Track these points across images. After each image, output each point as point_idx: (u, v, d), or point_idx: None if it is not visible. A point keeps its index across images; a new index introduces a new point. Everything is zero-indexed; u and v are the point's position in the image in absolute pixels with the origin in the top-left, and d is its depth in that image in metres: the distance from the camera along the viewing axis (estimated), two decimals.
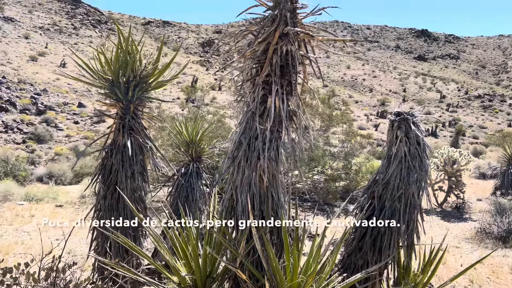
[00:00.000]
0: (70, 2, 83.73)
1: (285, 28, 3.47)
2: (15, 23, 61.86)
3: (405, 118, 4.00)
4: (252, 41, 3.63)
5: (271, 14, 3.57)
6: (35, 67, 49.58)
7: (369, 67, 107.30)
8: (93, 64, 5.58)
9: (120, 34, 5.51)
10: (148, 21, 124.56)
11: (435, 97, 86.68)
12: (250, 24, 3.80)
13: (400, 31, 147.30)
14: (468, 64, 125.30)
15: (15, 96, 36.07)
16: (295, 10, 3.56)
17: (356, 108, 70.86)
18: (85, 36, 69.44)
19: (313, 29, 3.66)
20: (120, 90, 5.39)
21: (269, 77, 3.73)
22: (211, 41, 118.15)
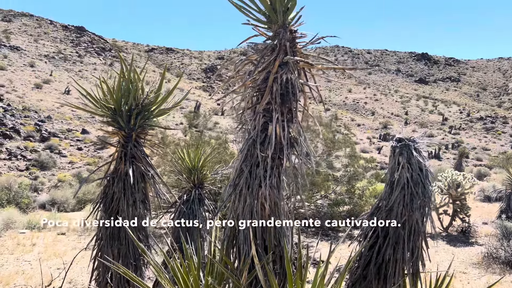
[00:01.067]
0: (75, 31, 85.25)
1: (285, 57, 3.51)
2: (21, 52, 62.87)
3: (407, 144, 3.99)
4: (252, 70, 3.68)
5: (270, 43, 3.63)
6: (39, 94, 50.13)
7: (371, 91, 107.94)
8: (96, 92, 5.65)
9: (123, 63, 5.58)
10: (151, 48, 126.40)
11: (437, 120, 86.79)
12: (251, 50, 3.85)
13: (400, 55, 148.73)
14: (469, 86, 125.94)
15: (19, 123, 36.36)
16: (295, 39, 3.61)
17: (358, 131, 70.93)
18: (89, 64, 70.40)
19: (313, 57, 3.70)
20: (122, 118, 5.43)
21: (270, 105, 3.75)
22: (214, 67, 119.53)
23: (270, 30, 3.68)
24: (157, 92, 5.75)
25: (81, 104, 6.13)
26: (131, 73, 5.61)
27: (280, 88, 3.79)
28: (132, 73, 5.62)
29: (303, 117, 4.02)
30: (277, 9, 3.46)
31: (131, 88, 5.55)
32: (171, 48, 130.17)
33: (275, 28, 3.61)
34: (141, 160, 5.63)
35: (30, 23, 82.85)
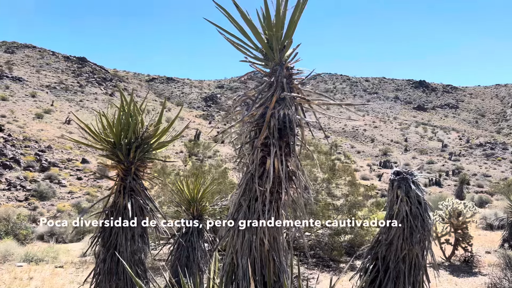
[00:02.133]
0: (76, 61, 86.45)
1: (282, 94, 3.57)
2: (23, 82, 63.58)
3: (405, 178, 4.00)
4: (250, 106, 3.73)
5: (268, 80, 3.69)
6: (40, 124, 50.40)
7: (370, 118, 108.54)
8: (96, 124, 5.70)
9: (122, 97, 5.65)
10: (152, 78, 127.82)
11: (437, 146, 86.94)
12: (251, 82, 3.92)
13: (398, 83, 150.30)
14: (467, 113, 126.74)
15: (19, 153, 36.41)
16: (291, 76, 3.68)
17: (358, 158, 70.95)
18: (90, 94, 71.09)
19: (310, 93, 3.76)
20: (122, 152, 5.46)
21: (268, 139, 3.79)
22: (214, 96, 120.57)
23: (267, 67, 3.76)
24: (156, 125, 5.81)
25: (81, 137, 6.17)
26: (131, 107, 5.69)
27: (278, 123, 3.83)
28: (132, 106, 5.70)
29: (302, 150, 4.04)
30: (273, 47, 3.54)
31: (130, 122, 5.61)
32: (171, 77, 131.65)
33: (272, 65, 3.68)
34: (140, 193, 5.63)
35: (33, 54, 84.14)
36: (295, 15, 3.52)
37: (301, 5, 3.47)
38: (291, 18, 3.51)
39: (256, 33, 3.57)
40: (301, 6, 3.47)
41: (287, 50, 3.66)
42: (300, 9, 3.47)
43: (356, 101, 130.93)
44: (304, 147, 3.91)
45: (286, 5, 3.50)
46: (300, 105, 3.82)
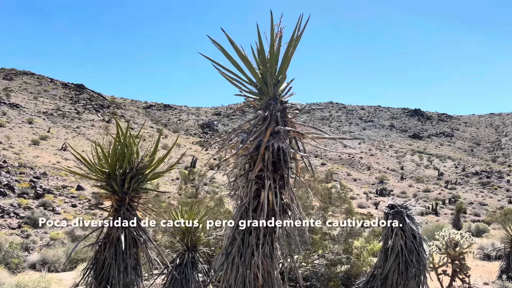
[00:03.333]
0: (74, 88, 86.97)
1: (276, 127, 3.60)
2: (20, 109, 63.73)
3: (399, 211, 4.00)
4: (244, 139, 3.75)
5: (262, 114, 3.73)
6: (36, 150, 50.22)
7: (366, 146, 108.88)
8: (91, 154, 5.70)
9: (118, 128, 5.68)
10: (149, 105, 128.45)
11: (433, 175, 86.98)
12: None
13: (393, 111, 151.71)
14: (462, 141, 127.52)
15: (14, 180, 36.12)
16: (285, 109, 3.73)
17: (355, 186, 70.78)
18: (87, 120, 71.21)
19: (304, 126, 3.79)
20: (116, 182, 5.45)
21: (262, 172, 3.80)
22: (211, 123, 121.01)
23: (261, 101, 3.80)
24: (152, 156, 5.82)
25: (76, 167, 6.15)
26: (126, 137, 5.71)
27: (272, 156, 3.85)
28: (127, 137, 5.72)
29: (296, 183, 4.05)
30: (268, 82, 3.59)
31: (126, 152, 5.62)
32: (169, 104, 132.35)
33: (267, 99, 3.73)
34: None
35: (31, 81, 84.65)
36: (289, 51, 3.59)
37: (295, 41, 3.54)
38: (285, 54, 3.58)
39: (250, 68, 3.63)
40: (295, 43, 3.55)
41: (281, 84, 3.72)
42: (293, 45, 3.54)
43: (352, 128, 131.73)
44: (299, 180, 3.91)
45: (280, 41, 3.58)
46: (295, 138, 3.85)
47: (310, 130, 3.85)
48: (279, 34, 3.50)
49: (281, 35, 3.50)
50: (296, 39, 3.52)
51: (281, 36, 3.51)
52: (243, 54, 3.59)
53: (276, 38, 3.53)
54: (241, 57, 3.62)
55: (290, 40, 3.54)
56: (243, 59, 3.63)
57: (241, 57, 3.62)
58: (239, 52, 3.59)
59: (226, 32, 3.35)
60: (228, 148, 3.88)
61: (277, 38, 3.54)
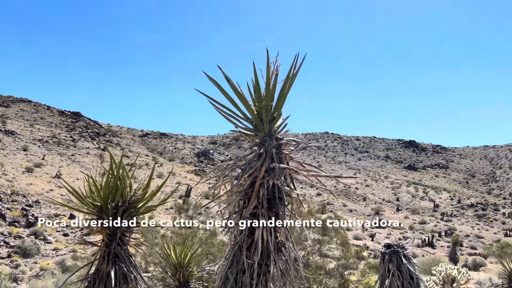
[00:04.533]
0: (71, 116, 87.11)
1: (271, 164, 3.57)
2: (15, 136, 63.58)
3: (396, 251, 3.92)
4: (239, 175, 3.71)
5: (257, 150, 3.70)
6: (30, 178, 49.79)
7: (361, 176, 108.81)
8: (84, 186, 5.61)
9: (112, 160, 5.62)
10: (145, 133, 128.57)
11: (428, 206, 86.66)
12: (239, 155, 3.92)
13: (388, 142, 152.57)
14: (457, 173, 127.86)
15: (6, 208, 35.63)
16: (281, 146, 3.70)
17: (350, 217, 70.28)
18: (82, 148, 71.02)
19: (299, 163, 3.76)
20: (108, 216, 5.34)
21: (257, 209, 3.74)
22: (207, 152, 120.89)
23: (257, 137, 3.79)
24: (145, 189, 5.73)
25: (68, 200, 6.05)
26: (120, 170, 5.64)
27: (267, 193, 3.80)
28: (121, 169, 5.66)
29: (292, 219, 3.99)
30: (263, 118, 3.59)
31: (119, 185, 5.54)
32: (165, 133, 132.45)
33: (262, 136, 3.72)
34: (124, 260, 5.44)
35: (28, 109, 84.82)
36: (285, 88, 3.61)
37: (291, 79, 3.56)
38: (281, 91, 3.59)
39: (246, 105, 3.64)
40: (291, 80, 3.56)
41: (277, 121, 3.71)
42: (289, 83, 3.56)
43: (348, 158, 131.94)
44: (294, 217, 3.85)
45: (276, 78, 3.59)
46: (290, 175, 3.81)
47: (306, 167, 3.81)
48: (275, 71, 3.53)
49: (277, 73, 3.53)
50: (292, 77, 3.54)
51: (277, 74, 3.54)
52: (239, 91, 3.60)
53: (272, 75, 3.55)
54: (237, 94, 3.63)
55: (286, 78, 3.56)
56: (239, 96, 3.63)
57: (237, 94, 3.63)
58: (235, 89, 3.60)
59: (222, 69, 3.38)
60: (222, 185, 3.82)
61: (273, 76, 3.56)
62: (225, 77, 3.49)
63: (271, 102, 3.60)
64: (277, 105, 3.63)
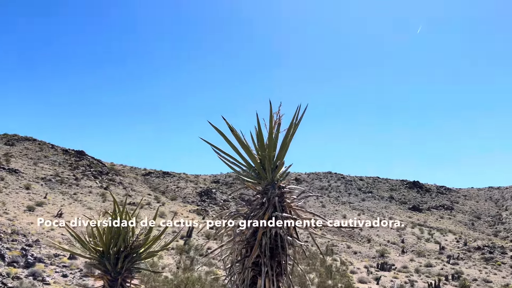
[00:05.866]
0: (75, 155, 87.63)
1: (274, 213, 3.59)
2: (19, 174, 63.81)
3: None
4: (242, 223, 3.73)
5: (260, 199, 3.74)
6: (31, 217, 49.47)
7: (365, 217, 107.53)
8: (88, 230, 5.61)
9: (115, 204, 5.65)
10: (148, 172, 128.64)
11: (434, 248, 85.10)
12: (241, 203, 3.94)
13: (392, 183, 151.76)
14: (463, 214, 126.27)
15: (5, 248, 35.21)
16: (283, 194, 3.74)
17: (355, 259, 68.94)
18: (85, 187, 70.97)
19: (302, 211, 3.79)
20: (110, 261, 5.32)
21: (259, 258, 3.72)
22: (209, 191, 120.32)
23: (259, 185, 3.84)
24: (147, 234, 5.73)
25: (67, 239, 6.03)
26: (122, 215, 5.66)
27: (270, 242, 3.79)
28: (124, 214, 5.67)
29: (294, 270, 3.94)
30: (266, 167, 3.65)
31: (121, 230, 5.54)
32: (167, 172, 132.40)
33: (265, 184, 3.76)
34: None
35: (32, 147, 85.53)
36: (287, 137, 3.68)
37: (293, 129, 3.65)
38: (283, 140, 3.67)
39: (249, 154, 3.71)
40: (293, 130, 3.65)
41: (279, 169, 3.76)
42: (292, 132, 3.64)
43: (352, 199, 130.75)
44: (297, 267, 3.82)
45: (278, 128, 3.68)
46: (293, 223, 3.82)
47: (309, 215, 3.83)
48: (277, 121, 3.62)
49: (279, 123, 3.62)
50: (294, 126, 3.63)
51: (279, 124, 3.63)
52: (242, 140, 3.68)
53: (275, 125, 3.63)
54: (241, 144, 3.70)
55: (288, 127, 3.65)
56: (243, 146, 3.71)
57: (240, 144, 3.70)
58: (238, 139, 3.68)
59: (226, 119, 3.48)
60: (225, 233, 3.83)
61: (276, 125, 3.65)
62: (229, 127, 3.58)
63: (274, 151, 3.67)
64: (280, 154, 3.70)
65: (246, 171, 3.88)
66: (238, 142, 3.72)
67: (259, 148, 3.75)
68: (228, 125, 3.61)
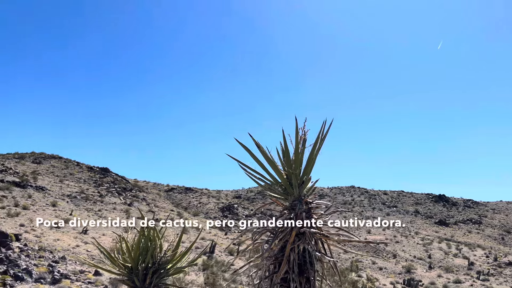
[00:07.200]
0: (99, 172, 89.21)
1: (302, 229, 3.60)
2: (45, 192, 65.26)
3: None
4: (269, 239, 3.74)
5: (287, 214, 3.76)
6: (57, 233, 50.39)
7: (390, 232, 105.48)
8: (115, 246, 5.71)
9: (143, 222, 5.75)
10: (171, 188, 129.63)
11: (463, 264, 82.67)
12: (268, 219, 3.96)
13: (417, 196, 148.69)
14: (492, 229, 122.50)
15: (32, 264, 35.87)
16: (310, 210, 3.75)
17: (380, 275, 67.49)
18: (109, 203, 71.97)
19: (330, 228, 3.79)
20: (138, 277, 5.39)
21: (287, 274, 3.72)
22: (231, 206, 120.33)
23: (286, 201, 3.86)
24: (174, 251, 5.79)
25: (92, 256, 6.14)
26: (151, 231, 5.74)
27: (298, 258, 3.79)
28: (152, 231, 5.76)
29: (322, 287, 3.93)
30: (293, 183, 3.68)
31: (149, 247, 5.62)
32: (190, 187, 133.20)
33: (291, 200, 3.79)
34: None
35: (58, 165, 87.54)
36: (313, 153, 3.71)
37: (319, 144, 3.67)
38: (309, 156, 3.70)
39: (276, 170, 3.74)
40: (319, 145, 3.67)
41: (306, 185, 3.78)
42: (317, 148, 3.67)
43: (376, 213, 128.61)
44: (325, 282, 3.81)
45: (304, 144, 3.71)
46: (321, 239, 3.82)
47: (337, 232, 3.82)
48: (303, 137, 3.66)
49: (305, 138, 3.66)
50: (320, 142, 3.66)
51: (305, 139, 3.66)
52: (269, 156, 3.73)
53: (300, 141, 3.67)
54: (267, 160, 3.75)
55: (314, 143, 3.68)
56: (269, 162, 3.75)
57: (267, 160, 3.75)
58: (265, 155, 3.73)
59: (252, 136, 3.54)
60: (253, 249, 3.85)
61: (301, 141, 3.69)
62: (256, 144, 3.64)
63: (300, 166, 3.70)
64: (306, 169, 3.72)
65: (273, 187, 3.92)
66: (264, 158, 3.76)
67: (285, 164, 3.79)
68: (254, 141, 3.67)
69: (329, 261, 3.79)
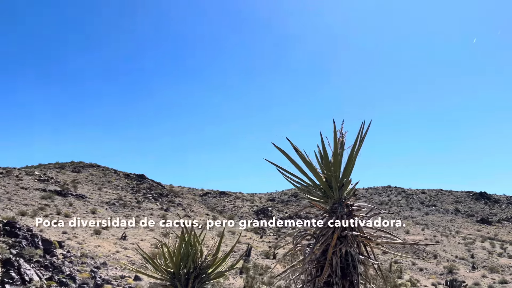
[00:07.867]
0: (136, 179, 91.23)
1: (343, 232, 3.57)
2: (85, 199, 67.29)
3: None
4: (311, 243, 3.73)
5: (328, 217, 3.74)
6: (97, 240, 51.83)
7: (430, 232, 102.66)
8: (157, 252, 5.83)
9: (185, 229, 5.83)
10: (206, 192, 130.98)
11: (508, 264, 79.44)
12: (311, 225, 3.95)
13: (457, 194, 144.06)
14: None
15: (76, 270, 37.04)
16: (351, 212, 3.71)
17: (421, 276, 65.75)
18: (146, 209, 73.43)
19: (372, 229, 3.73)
20: (181, 282, 5.48)
21: (330, 277, 3.70)
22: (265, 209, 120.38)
23: (326, 204, 3.84)
24: (214, 255, 5.85)
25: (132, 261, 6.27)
26: (191, 236, 5.82)
27: (340, 261, 3.76)
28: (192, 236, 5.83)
29: None
30: (333, 186, 3.66)
31: (190, 252, 5.70)
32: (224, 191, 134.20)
33: (332, 203, 3.76)
34: None
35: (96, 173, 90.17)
36: (352, 154, 3.67)
37: (357, 145, 3.63)
38: (349, 158, 3.67)
39: (315, 173, 3.73)
40: (358, 147, 3.64)
41: (346, 187, 3.75)
42: (356, 149, 3.63)
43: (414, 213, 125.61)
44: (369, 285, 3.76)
45: (343, 145, 3.68)
46: (363, 242, 3.77)
47: (379, 234, 3.77)
48: (341, 139, 3.64)
49: (343, 140, 3.63)
50: (359, 143, 3.62)
51: (343, 141, 3.63)
52: (307, 160, 3.72)
53: (339, 143, 3.64)
54: (306, 163, 3.74)
55: (353, 144, 3.65)
56: (308, 165, 3.75)
57: (305, 163, 3.74)
58: (303, 158, 3.72)
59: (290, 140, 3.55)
60: (294, 253, 3.85)
61: (339, 143, 3.66)
62: (294, 148, 3.64)
63: (339, 169, 3.67)
64: (345, 172, 3.69)
65: (311, 190, 3.90)
66: (302, 162, 3.76)
67: (324, 167, 3.77)
68: (292, 145, 3.67)
69: (372, 264, 3.74)
